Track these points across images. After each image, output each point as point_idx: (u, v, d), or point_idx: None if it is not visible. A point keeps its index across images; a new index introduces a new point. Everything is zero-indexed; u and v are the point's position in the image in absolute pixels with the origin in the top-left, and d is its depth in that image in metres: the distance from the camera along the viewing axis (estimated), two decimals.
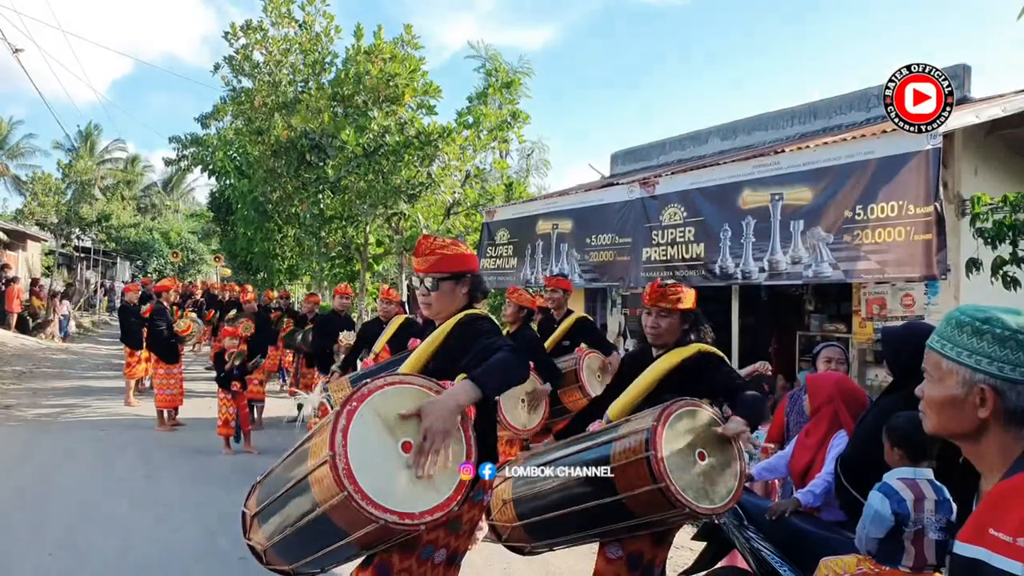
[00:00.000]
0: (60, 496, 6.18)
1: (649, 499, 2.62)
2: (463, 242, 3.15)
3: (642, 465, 2.59)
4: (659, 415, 2.65)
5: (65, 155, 35.61)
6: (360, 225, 14.98)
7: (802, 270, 6.34)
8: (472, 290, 2.81)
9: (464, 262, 2.81)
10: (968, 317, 1.35)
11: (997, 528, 1.20)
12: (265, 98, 14.88)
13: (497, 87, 13.63)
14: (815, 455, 3.51)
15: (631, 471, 2.64)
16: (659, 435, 2.58)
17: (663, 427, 2.61)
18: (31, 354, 16.79)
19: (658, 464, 2.54)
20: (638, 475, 2.61)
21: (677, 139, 11.65)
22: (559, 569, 4.81)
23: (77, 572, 4.54)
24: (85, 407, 10.70)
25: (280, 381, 13.26)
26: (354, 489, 2.02)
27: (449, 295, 2.77)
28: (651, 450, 2.56)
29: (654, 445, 2.56)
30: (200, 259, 39.40)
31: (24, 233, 25.99)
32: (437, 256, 2.76)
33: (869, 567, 2.75)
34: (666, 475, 2.53)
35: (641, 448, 2.61)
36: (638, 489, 2.62)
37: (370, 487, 2.05)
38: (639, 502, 2.66)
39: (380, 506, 2.05)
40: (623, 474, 2.67)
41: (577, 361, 5.60)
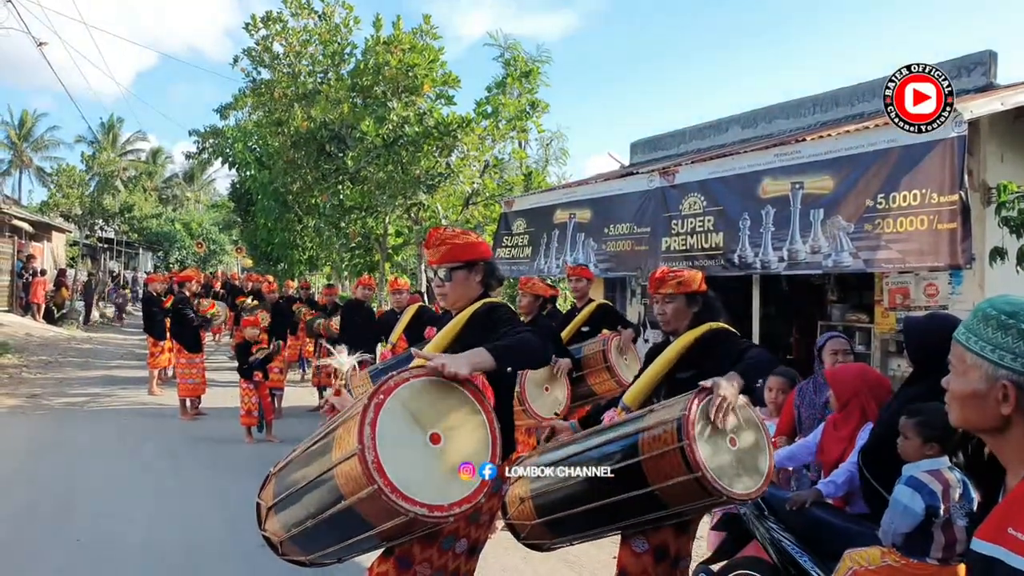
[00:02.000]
0: (87, 483, 6.29)
1: (684, 488, 2.60)
2: (479, 232, 3.15)
3: (675, 455, 2.57)
4: (689, 403, 2.63)
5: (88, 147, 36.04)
6: (380, 216, 15.02)
7: (822, 260, 6.27)
8: (486, 277, 2.82)
9: (475, 250, 2.81)
10: (995, 311, 1.32)
11: (1017, 527, 1.18)
12: (285, 89, 14.94)
13: (516, 76, 13.58)
14: (846, 448, 3.49)
15: (664, 461, 2.62)
16: (691, 423, 2.56)
17: (694, 415, 2.58)
18: (56, 344, 17.04)
19: (693, 453, 2.52)
20: (672, 465, 2.60)
21: (697, 128, 11.55)
22: (576, 556, 4.83)
23: (103, 560, 4.62)
24: (109, 396, 10.85)
25: (300, 371, 13.37)
26: (384, 483, 2.02)
27: (463, 284, 2.78)
28: (684, 439, 2.54)
29: (687, 435, 2.54)
30: (221, 249, 39.74)
31: (49, 224, 26.35)
32: (447, 246, 2.77)
33: (894, 559, 2.73)
34: (702, 464, 2.52)
35: (673, 438, 2.59)
36: (672, 480, 2.60)
37: (399, 480, 2.05)
38: (673, 492, 2.64)
39: (410, 499, 2.05)
40: (655, 465, 2.65)
41: (605, 343, 5.57)
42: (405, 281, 7.48)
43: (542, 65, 16.55)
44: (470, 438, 2.24)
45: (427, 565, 2.43)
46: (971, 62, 7.62)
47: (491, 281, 2.85)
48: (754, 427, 2.76)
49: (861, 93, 8.98)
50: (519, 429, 5.25)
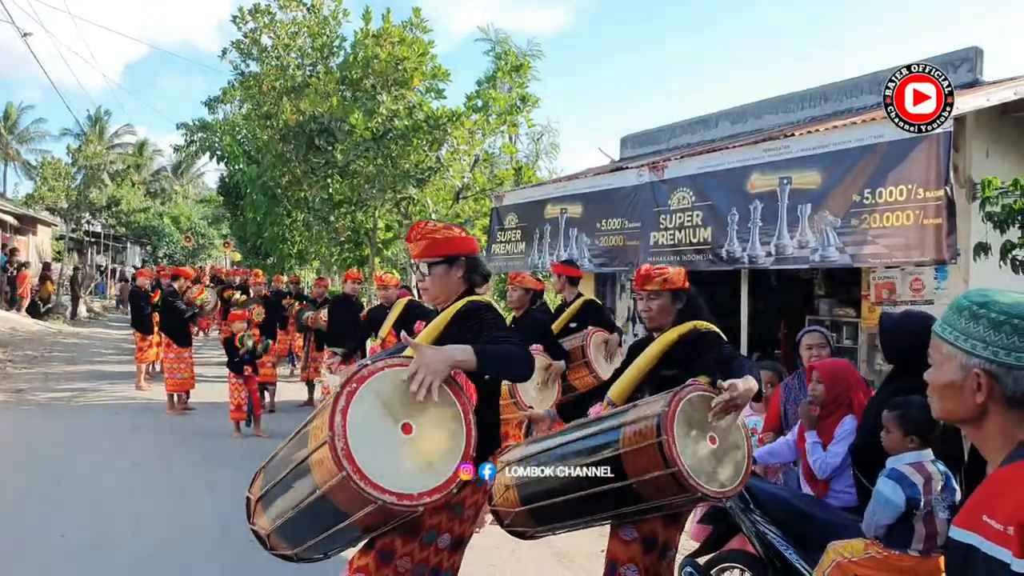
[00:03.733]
0: (73, 479, 6.26)
1: (660, 483, 2.64)
2: (466, 227, 3.13)
3: (654, 450, 2.61)
4: (670, 400, 2.65)
5: (75, 140, 35.75)
6: (369, 210, 14.99)
7: (809, 254, 6.31)
8: (468, 272, 2.78)
9: (456, 245, 2.78)
10: (968, 302, 1.35)
11: (991, 515, 1.20)
12: (273, 82, 14.87)
13: (506, 70, 13.57)
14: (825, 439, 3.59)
15: (643, 456, 2.66)
16: (671, 420, 2.59)
17: (675, 412, 2.61)
18: (42, 338, 16.93)
19: (670, 449, 2.55)
20: (650, 460, 2.63)
21: (687, 123, 11.57)
22: (565, 549, 4.85)
23: (90, 555, 4.60)
24: (96, 391, 10.80)
25: (291, 366, 13.33)
26: (352, 469, 2.04)
27: (443, 279, 2.75)
28: (663, 435, 2.58)
29: (667, 430, 2.57)
30: (210, 244, 39.54)
31: (34, 218, 26.14)
32: (427, 241, 2.74)
33: (877, 551, 2.77)
34: (678, 459, 2.55)
35: (653, 433, 2.62)
36: (649, 474, 2.64)
37: (369, 467, 2.06)
38: (650, 486, 2.67)
39: (378, 486, 2.06)
40: (634, 459, 2.68)
41: (584, 339, 5.69)
42: (391, 277, 7.47)
43: (533, 60, 16.55)
44: (443, 429, 2.25)
45: (408, 559, 2.43)
46: (957, 58, 7.67)
47: (474, 277, 2.81)
48: (734, 427, 2.80)
49: (849, 89, 9.02)
50: (510, 423, 5.28)
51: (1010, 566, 1.14)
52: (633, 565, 2.95)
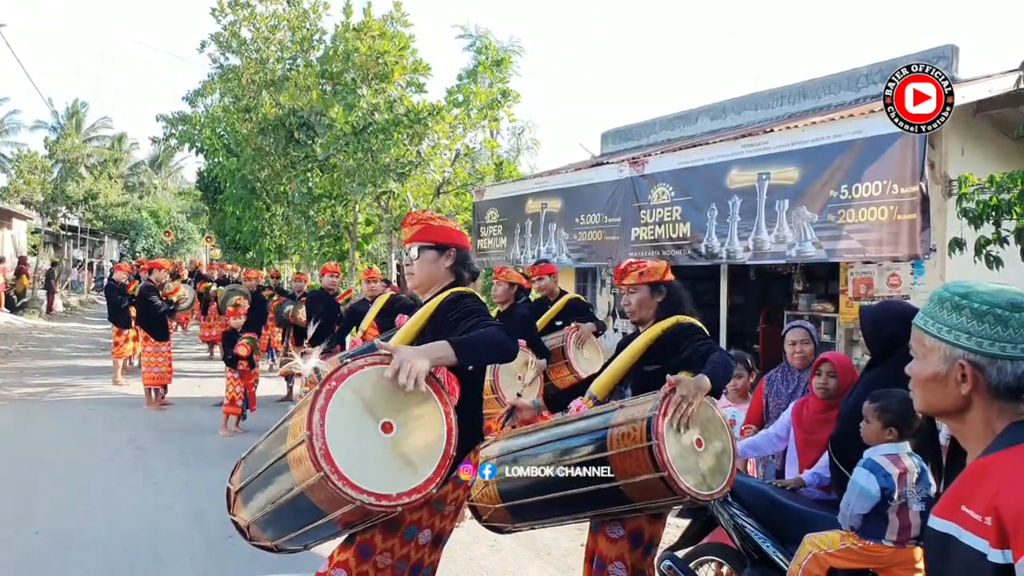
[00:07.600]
0: (47, 475, 6.18)
1: (649, 485, 2.64)
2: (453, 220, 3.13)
3: (643, 453, 2.61)
4: (660, 404, 2.66)
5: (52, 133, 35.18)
6: (349, 204, 14.91)
7: (786, 249, 6.37)
8: (456, 265, 2.78)
9: (449, 235, 2.79)
10: (949, 293, 1.36)
11: (969, 505, 1.21)
12: (253, 75, 14.73)
13: (487, 65, 13.53)
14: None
15: (631, 458, 2.66)
16: (660, 424, 2.59)
17: (664, 416, 2.62)
18: (17, 333, 16.70)
19: (661, 453, 2.56)
20: (639, 463, 2.64)
21: (667, 119, 11.61)
22: (546, 545, 4.86)
23: (65, 551, 4.55)
24: (72, 386, 10.67)
25: (270, 361, 13.24)
26: (331, 470, 2.01)
27: (431, 264, 2.75)
28: (654, 439, 2.58)
29: (656, 435, 2.58)
30: (189, 238, 39.11)
31: (9, 211, 25.74)
32: (422, 225, 2.77)
33: (853, 542, 2.80)
34: (669, 464, 2.55)
35: (642, 436, 2.63)
36: (638, 476, 2.64)
37: (347, 467, 2.04)
38: (637, 488, 2.68)
39: (357, 487, 2.04)
40: (622, 461, 2.69)
41: (564, 338, 5.69)
42: (379, 272, 7.45)
43: (514, 55, 16.52)
44: (425, 428, 2.23)
45: (388, 555, 2.42)
46: (933, 56, 7.74)
47: (462, 271, 2.80)
48: (720, 428, 2.82)
49: (828, 86, 9.10)
50: (493, 417, 5.28)
51: (986, 556, 1.15)
52: (620, 563, 2.95)
